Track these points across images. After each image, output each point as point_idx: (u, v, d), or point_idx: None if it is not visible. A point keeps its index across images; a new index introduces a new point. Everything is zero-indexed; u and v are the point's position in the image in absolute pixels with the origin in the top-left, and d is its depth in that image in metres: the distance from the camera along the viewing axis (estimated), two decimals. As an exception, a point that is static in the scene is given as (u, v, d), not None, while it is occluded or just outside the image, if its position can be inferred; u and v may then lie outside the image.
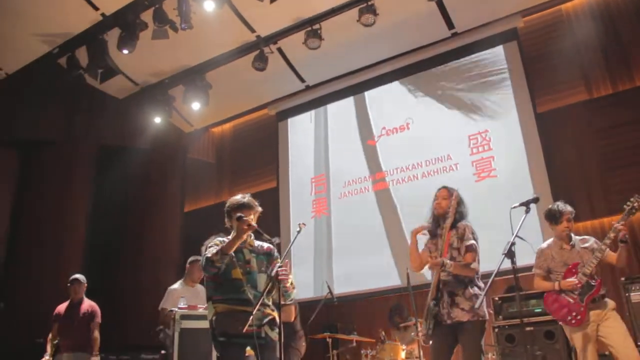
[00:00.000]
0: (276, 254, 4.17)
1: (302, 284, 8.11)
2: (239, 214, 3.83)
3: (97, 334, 6.40)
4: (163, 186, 10.35)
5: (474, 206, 7.43)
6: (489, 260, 4.46)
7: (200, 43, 8.57)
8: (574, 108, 7.51)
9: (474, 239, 4.25)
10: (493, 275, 3.34)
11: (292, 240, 3.94)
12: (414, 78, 8.79)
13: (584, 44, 7.63)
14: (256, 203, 4.10)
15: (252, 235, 4.09)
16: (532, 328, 5.53)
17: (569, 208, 4.64)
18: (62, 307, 6.58)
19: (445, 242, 4.21)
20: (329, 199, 9.05)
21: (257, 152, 10.15)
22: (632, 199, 4.40)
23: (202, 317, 5.19)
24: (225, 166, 10.57)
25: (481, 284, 4.20)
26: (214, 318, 3.86)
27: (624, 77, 7.34)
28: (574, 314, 4.38)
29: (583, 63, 7.61)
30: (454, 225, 4.29)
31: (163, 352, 5.15)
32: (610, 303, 4.46)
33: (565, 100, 7.61)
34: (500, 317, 5.86)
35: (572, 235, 4.67)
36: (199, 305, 5.59)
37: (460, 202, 4.42)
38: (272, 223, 9.11)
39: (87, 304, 6.57)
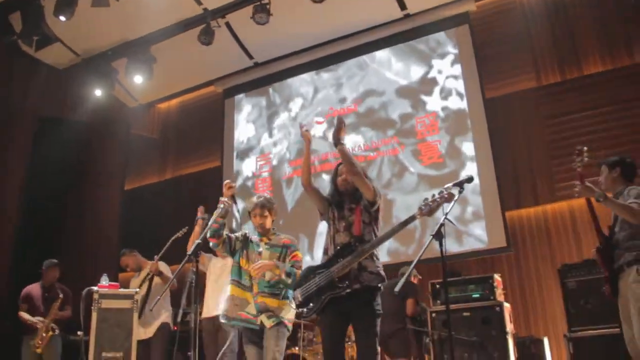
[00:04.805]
0: (294, 246, 4.22)
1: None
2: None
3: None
4: (103, 162, 9.91)
5: (419, 190, 7.52)
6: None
7: (145, 13, 8.13)
8: (522, 95, 7.51)
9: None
10: (419, 254, 3.17)
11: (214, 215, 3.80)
12: (364, 58, 8.63)
13: (535, 31, 7.64)
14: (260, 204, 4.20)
15: (275, 229, 4.32)
16: (469, 313, 5.45)
17: None
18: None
19: (357, 217, 3.75)
20: (273, 179, 8.84)
21: (202, 129, 9.84)
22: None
23: (122, 297, 4.93)
24: (170, 143, 10.23)
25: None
26: None
27: (573, 65, 7.35)
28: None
29: (533, 50, 7.60)
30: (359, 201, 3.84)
31: (80, 332, 4.88)
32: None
33: (514, 87, 7.59)
34: (438, 301, 5.77)
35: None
36: None
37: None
38: (215, 202, 8.86)
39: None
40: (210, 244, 4.10)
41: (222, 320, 4.09)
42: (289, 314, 4.01)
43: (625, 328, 3.90)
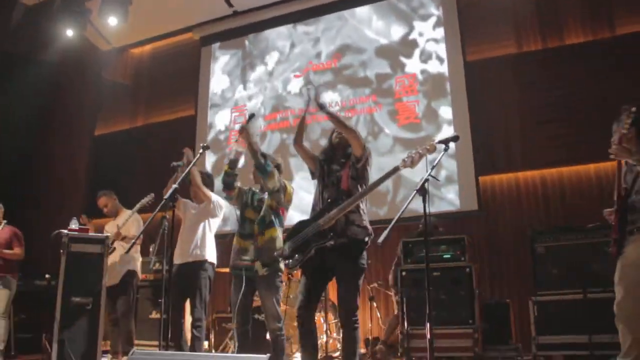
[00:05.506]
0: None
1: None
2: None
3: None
4: (73, 105, 9.64)
5: (394, 152, 7.50)
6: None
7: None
8: (502, 60, 7.47)
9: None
10: (402, 209, 3.16)
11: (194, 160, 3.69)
12: (344, 14, 8.46)
13: (519, -2, 7.55)
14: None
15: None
16: (439, 273, 5.50)
17: None
18: None
19: (345, 172, 3.81)
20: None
21: (177, 77, 9.58)
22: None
23: (93, 241, 4.81)
24: (143, 90, 9.96)
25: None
26: None
27: (554, 34, 7.32)
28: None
29: (517, 16, 7.54)
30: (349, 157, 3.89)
31: (48, 276, 4.77)
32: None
33: (495, 52, 7.56)
34: (409, 260, 5.81)
35: None
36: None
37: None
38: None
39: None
40: (224, 196, 4.36)
41: (233, 271, 4.21)
42: (281, 263, 4.09)
43: (618, 289, 3.74)
